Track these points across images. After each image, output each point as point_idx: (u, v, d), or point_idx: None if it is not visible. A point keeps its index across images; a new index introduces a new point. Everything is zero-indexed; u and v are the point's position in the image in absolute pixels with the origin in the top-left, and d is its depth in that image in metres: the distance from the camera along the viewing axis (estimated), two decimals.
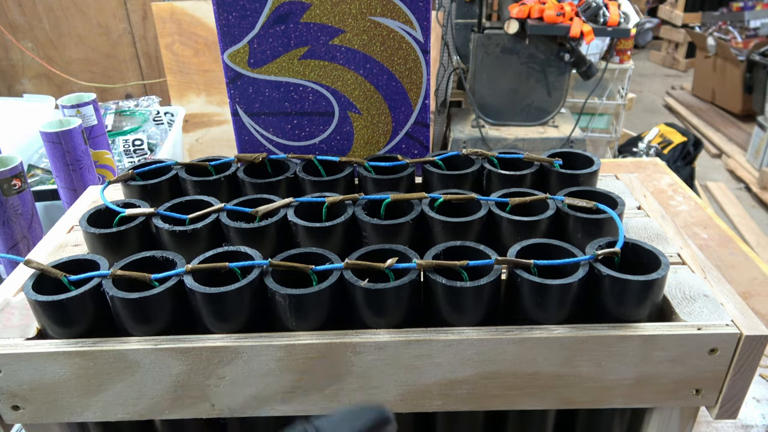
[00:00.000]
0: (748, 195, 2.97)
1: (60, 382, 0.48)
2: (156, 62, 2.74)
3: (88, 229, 0.56)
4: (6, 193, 0.78)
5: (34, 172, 1.21)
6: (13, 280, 0.57)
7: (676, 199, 1.13)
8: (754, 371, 0.48)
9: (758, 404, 0.71)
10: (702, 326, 0.48)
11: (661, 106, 4.13)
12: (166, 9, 1.99)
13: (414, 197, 0.58)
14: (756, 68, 3.42)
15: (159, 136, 1.37)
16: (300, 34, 0.66)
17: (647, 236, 0.61)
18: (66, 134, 0.87)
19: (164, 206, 0.59)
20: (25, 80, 2.74)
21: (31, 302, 0.48)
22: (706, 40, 3.87)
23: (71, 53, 2.69)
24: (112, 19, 2.66)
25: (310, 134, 0.72)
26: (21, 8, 2.57)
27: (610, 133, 2.50)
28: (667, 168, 1.26)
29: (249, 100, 0.70)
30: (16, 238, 0.81)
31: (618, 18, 1.92)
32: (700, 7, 4.64)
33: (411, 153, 0.74)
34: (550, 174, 0.64)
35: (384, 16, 0.66)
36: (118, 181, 0.65)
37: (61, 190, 0.91)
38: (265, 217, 0.56)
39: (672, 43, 4.81)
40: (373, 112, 0.71)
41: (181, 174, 0.66)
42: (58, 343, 0.48)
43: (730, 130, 3.52)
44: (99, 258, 0.51)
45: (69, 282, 0.49)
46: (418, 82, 0.70)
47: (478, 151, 0.67)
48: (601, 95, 2.37)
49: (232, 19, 0.65)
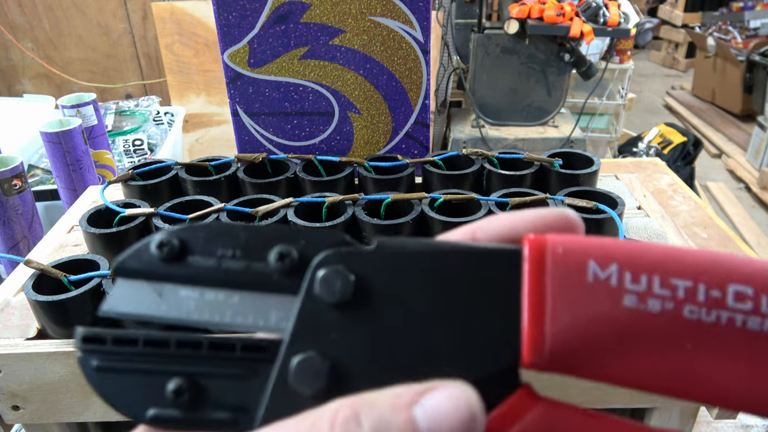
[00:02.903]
0: (748, 195, 2.97)
1: (60, 382, 0.48)
2: (156, 62, 2.74)
3: (88, 229, 0.56)
4: (6, 193, 0.78)
5: (34, 172, 1.21)
6: (13, 280, 0.57)
7: (676, 199, 1.13)
8: None
9: None
10: None
11: (661, 106, 4.13)
12: (166, 9, 1.99)
13: (414, 197, 0.58)
14: (756, 68, 3.42)
15: (159, 136, 1.37)
16: (300, 34, 0.66)
17: (647, 236, 0.61)
18: (66, 134, 0.87)
19: (164, 206, 0.59)
20: (25, 80, 2.74)
21: (31, 302, 0.48)
22: (706, 40, 3.88)
23: (71, 53, 2.69)
24: (112, 19, 2.66)
25: (310, 134, 0.72)
26: (21, 8, 2.57)
27: (610, 133, 2.51)
28: (667, 168, 1.26)
29: (249, 100, 0.70)
30: (17, 238, 0.81)
31: (618, 18, 1.92)
32: (700, 7, 4.64)
33: (411, 153, 0.74)
34: (550, 174, 0.64)
35: (384, 16, 0.66)
36: (118, 181, 0.65)
37: (61, 190, 0.91)
38: (265, 217, 0.56)
39: (672, 43, 4.81)
40: (373, 112, 0.71)
41: (181, 174, 0.66)
42: (58, 343, 0.48)
43: (730, 130, 3.53)
44: (99, 258, 0.51)
45: (69, 282, 0.49)
46: (418, 82, 0.70)
47: (478, 151, 0.67)
48: (601, 95, 2.37)
49: (232, 19, 0.65)
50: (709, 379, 0.16)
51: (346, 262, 0.19)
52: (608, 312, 0.17)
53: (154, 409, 0.19)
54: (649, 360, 0.16)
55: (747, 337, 0.16)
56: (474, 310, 0.18)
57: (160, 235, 0.20)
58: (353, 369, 0.18)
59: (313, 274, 0.19)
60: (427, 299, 0.18)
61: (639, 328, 0.16)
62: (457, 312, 0.18)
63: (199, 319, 0.20)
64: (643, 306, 0.16)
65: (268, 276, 0.20)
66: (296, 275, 0.19)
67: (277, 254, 0.20)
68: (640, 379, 0.17)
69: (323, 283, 0.19)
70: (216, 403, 0.19)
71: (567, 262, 0.17)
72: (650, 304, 0.16)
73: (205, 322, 0.20)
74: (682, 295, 0.16)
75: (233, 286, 0.20)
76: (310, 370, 0.18)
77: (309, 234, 0.20)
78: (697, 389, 0.17)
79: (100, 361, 0.19)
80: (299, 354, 0.18)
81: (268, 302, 0.20)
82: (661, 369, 0.17)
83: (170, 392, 0.19)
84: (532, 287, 0.17)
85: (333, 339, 0.19)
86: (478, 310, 0.18)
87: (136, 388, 0.19)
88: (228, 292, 0.20)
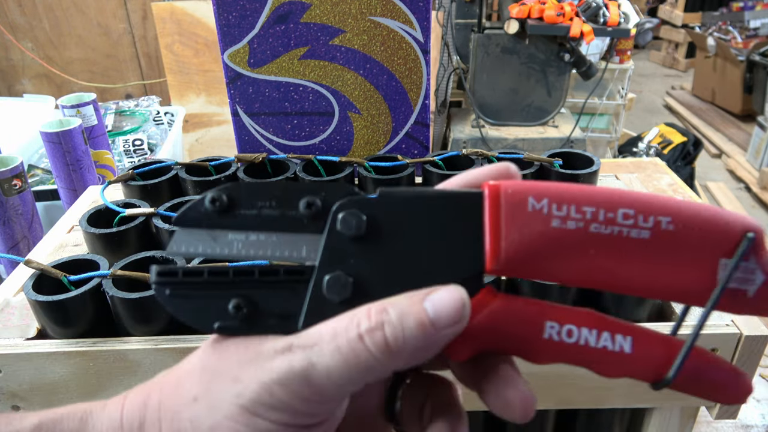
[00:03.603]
0: (748, 195, 2.97)
1: (60, 382, 0.48)
2: (156, 62, 2.74)
3: (88, 229, 0.56)
4: (6, 193, 0.78)
5: (34, 172, 1.21)
6: (13, 280, 0.57)
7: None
8: (754, 371, 0.48)
9: (758, 404, 0.71)
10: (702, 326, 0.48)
11: (661, 106, 4.13)
12: (166, 9, 1.99)
13: None
14: (756, 68, 3.42)
15: (159, 136, 1.37)
16: (300, 34, 0.66)
17: None
18: (66, 134, 0.87)
19: (164, 206, 0.59)
20: (25, 80, 2.74)
21: (31, 302, 0.48)
22: (706, 40, 3.87)
23: (71, 53, 2.69)
24: (112, 19, 2.66)
25: (310, 134, 0.72)
26: (21, 8, 2.57)
27: (610, 133, 2.50)
28: (667, 168, 1.26)
29: (249, 100, 0.70)
30: (17, 238, 0.81)
31: (618, 18, 1.92)
32: (700, 7, 4.64)
33: (411, 153, 0.74)
34: (550, 174, 0.64)
35: (384, 16, 0.66)
36: (118, 181, 0.65)
37: (61, 190, 0.91)
38: None
39: (672, 43, 4.81)
40: (373, 112, 0.71)
41: (181, 174, 0.66)
42: (58, 343, 0.48)
43: (730, 130, 3.52)
44: (99, 258, 0.51)
45: (69, 282, 0.49)
46: (418, 82, 0.70)
47: (478, 151, 0.67)
48: (601, 95, 2.37)
49: (232, 19, 0.65)
50: (611, 272, 0.24)
51: (359, 206, 0.25)
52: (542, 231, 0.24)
53: (219, 321, 0.25)
54: (570, 262, 0.24)
55: (631, 243, 0.23)
56: (452, 235, 0.25)
57: (212, 192, 0.25)
58: (370, 283, 0.24)
59: (334, 216, 0.25)
60: (420, 230, 0.25)
61: (562, 240, 0.24)
62: (441, 238, 0.25)
63: (247, 255, 0.25)
64: (564, 226, 0.23)
65: (298, 220, 0.25)
66: (320, 219, 0.25)
67: (306, 203, 0.25)
68: (566, 276, 0.24)
69: (343, 222, 0.24)
70: (267, 314, 0.25)
71: (513, 199, 0.24)
72: (568, 224, 0.23)
73: (251, 256, 0.25)
74: (589, 217, 0.23)
75: (272, 229, 0.25)
76: (339, 283, 0.24)
77: (328, 186, 0.25)
78: (605, 281, 0.24)
79: (173, 289, 0.25)
80: (328, 273, 0.24)
81: (300, 240, 0.25)
82: (578, 268, 0.24)
83: (231, 308, 0.24)
84: (491, 217, 0.24)
85: (353, 263, 0.25)
86: (455, 235, 0.25)
87: (203, 308, 0.25)
88: (267, 234, 0.25)
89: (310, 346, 0.23)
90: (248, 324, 0.25)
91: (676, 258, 0.23)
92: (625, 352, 0.24)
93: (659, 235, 0.23)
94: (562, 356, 0.25)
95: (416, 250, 0.25)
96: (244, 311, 0.24)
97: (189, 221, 0.25)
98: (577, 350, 0.24)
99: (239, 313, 0.24)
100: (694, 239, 0.23)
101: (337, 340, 0.23)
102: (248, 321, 0.25)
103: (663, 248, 0.23)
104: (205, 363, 0.25)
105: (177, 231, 0.25)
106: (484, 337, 0.24)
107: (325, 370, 0.22)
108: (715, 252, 0.23)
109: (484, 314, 0.24)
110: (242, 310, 0.24)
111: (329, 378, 0.22)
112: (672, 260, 0.23)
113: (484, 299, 0.24)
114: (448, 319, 0.23)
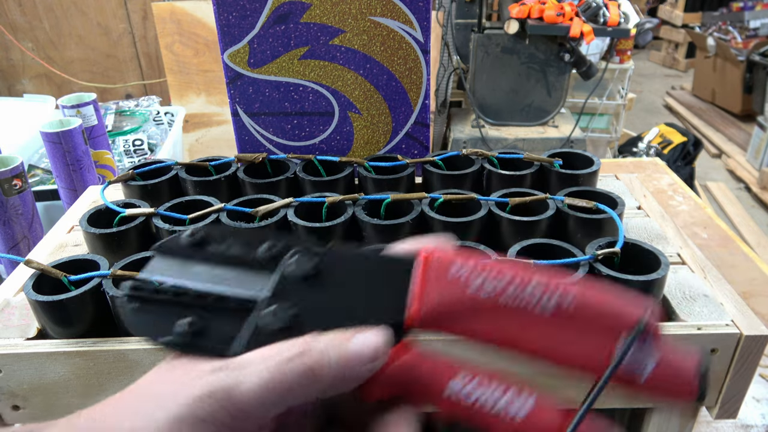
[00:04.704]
0: (748, 195, 2.98)
1: (60, 382, 0.48)
2: (156, 62, 2.74)
3: (88, 229, 0.56)
4: (7, 193, 0.78)
5: (34, 172, 1.21)
6: (13, 280, 0.57)
7: (676, 199, 1.13)
8: (753, 371, 0.48)
9: (758, 404, 0.71)
10: (702, 326, 0.48)
11: (661, 106, 4.13)
12: (166, 9, 1.99)
13: (414, 197, 0.58)
14: (756, 68, 3.42)
15: (159, 136, 1.37)
16: (300, 34, 0.66)
17: (647, 236, 0.61)
18: (66, 134, 0.87)
19: (164, 206, 0.59)
20: (25, 80, 2.74)
21: (31, 302, 0.48)
22: (706, 40, 3.88)
23: (71, 53, 2.70)
24: (112, 19, 2.66)
25: (310, 134, 0.72)
26: (21, 8, 2.57)
27: (610, 133, 2.50)
28: (667, 168, 1.26)
29: (249, 100, 0.70)
30: (17, 238, 0.81)
31: (618, 18, 1.92)
32: (700, 7, 4.64)
33: (411, 153, 0.74)
34: (550, 174, 0.64)
35: (384, 16, 0.66)
36: (118, 181, 0.65)
37: (61, 190, 0.91)
38: (265, 217, 0.56)
39: (672, 43, 4.81)
40: (373, 112, 0.71)
41: (181, 174, 0.66)
42: (58, 343, 0.48)
43: (730, 130, 3.52)
44: (99, 258, 0.51)
45: (69, 282, 0.49)
46: (418, 82, 0.70)
47: (478, 151, 0.67)
48: (601, 95, 2.37)
49: (232, 19, 0.65)
50: (517, 339, 0.27)
51: (311, 254, 0.29)
52: (459, 296, 0.27)
53: (166, 337, 0.27)
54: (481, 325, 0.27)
55: (536, 317, 0.26)
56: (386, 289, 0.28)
57: (192, 228, 0.30)
58: (309, 319, 0.27)
59: (290, 257, 0.29)
60: (359, 283, 0.28)
61: (475, 306, 0.27)
62: (377, 289, 0.28)
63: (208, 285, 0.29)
64: (478, 294, 0.26)
65: (257, 260, 0.29)
66: (276, 261, 0.29)
67: (267, 246, 0.29)
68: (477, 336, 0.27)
69: (296, 263, 0.28)
70: (212, 337, 0.27)
71: (439, 266, 0.27)
72: (482, 294, 0.26)
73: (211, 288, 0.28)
74: (500, 290, 0.26)
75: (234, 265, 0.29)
76: (280, 315, 0.27)
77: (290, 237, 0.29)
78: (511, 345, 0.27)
79: (141, 304, 0.28)
80: (273, 305, 0.27)
81: (256, 276, 0.29)
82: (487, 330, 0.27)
83: (181, 327, 0.27)
84: (419, 279, 0.28)
85: (297, 300, 0.28)
86: (388, 289, 0.28)
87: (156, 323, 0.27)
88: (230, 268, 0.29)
89: (241, 368, 0.25)
90: (192, 343, 0.27)
91: (576, 335, 0.26)
92: (517, 419, 0.26)
93: (561, 313, 0.26)
94: (459, 415, 0.27)
95: (353, 297, 0.28)
96: (191, 331, 0.27)
97: (167, 249, 0.30)
98: (473, 412, 0.26)
99: (187, 332, 0.27)
100: (592, 322, 0.26)
101: (266, 362, 0.25)
102: (193, 340, 0.27)
103: (564, 325, 0.26)
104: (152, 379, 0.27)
105: (155, 257, 0.29)
106: (392, 385, 0.27)
107: (248, 388, 0.25)
108: (613, 335, 0.25)
109: (394, 366, 0.27)
110: (191, 329, 0.27)
111: (253, 395, 0.25)
112: (571, 337, 0.26)
113: (399, 352, 0.27)
114: (365, 357, 0.26)
